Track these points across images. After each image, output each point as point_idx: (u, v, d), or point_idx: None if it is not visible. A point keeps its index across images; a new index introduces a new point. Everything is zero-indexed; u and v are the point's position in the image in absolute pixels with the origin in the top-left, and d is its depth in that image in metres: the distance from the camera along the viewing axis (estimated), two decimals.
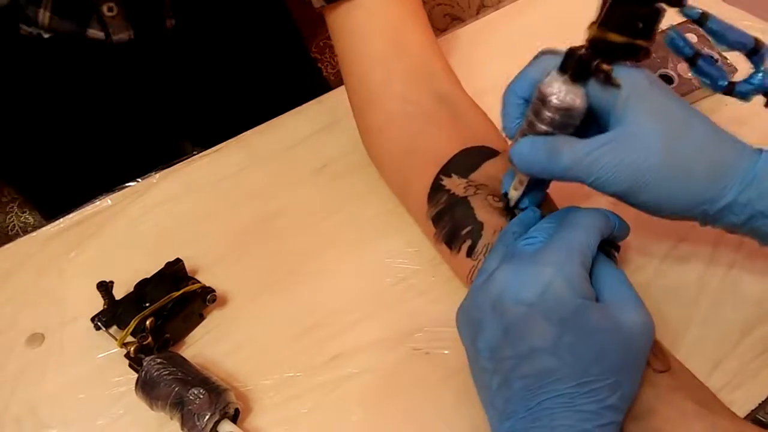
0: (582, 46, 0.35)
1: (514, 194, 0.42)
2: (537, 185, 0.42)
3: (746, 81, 0.37)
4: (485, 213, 0.44)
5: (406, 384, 0.44)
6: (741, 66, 0.37)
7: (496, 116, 0.49)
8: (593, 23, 0.34)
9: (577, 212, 0.38)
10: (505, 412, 0.34)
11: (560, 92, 0.35)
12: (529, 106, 0.38)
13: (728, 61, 0.57)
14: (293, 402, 0.44)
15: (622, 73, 0.35)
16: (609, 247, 0.40)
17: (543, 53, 0.39)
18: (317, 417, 0.43)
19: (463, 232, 0.44)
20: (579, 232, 0.36)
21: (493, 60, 0.64)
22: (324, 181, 0.57)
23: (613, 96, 0.35)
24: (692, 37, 0.56)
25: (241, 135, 0.61)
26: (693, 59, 0.38)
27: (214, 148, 0.61)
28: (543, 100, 0.36)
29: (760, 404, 0.41)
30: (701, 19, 0.36)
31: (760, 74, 0.37)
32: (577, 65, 0.35)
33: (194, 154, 0.60)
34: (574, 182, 0.37)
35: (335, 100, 0.55)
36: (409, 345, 0.46)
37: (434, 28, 0.54)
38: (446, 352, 0.45)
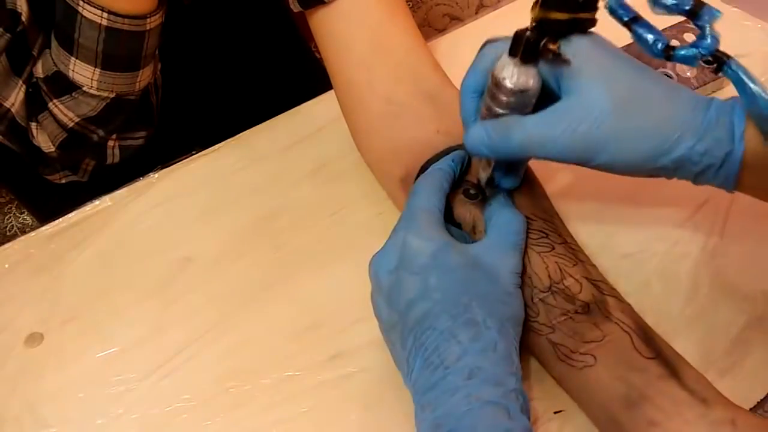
0: (527, 28, 0.35)
1: (483, 175, 0.42)
2: (513, 166, 0.42)
3: (692, 45, 0.35)
4: (464, 210, 0.44)
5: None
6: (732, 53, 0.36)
7: None
8: (535, 3, 0.34)
9: (417, 181, 0.43)
10: (408, 371, 0.37)
11: (513, 75, 0.35)
12: (483, 95, 0.38)
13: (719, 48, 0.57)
14: (292, 401, 0.44)
15: (568, 43, 0.35)
16: (502, 187, 0.43)
17: (487, 42, 0.40)
18: (316, 416, 0.43)
19: None
20: (419, 195, 0.41)
21: None
22: (322, 181, 0.57)
23: (562, 69, 0.36)
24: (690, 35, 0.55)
25: (239, 135, 0.61)
26: (628, 24, 0.37)
27: (212, 148, 0.61)
28: (497, 85, 0.36)
29: (758, 403, 0.41)
30: None
31: (708, 38, 0.34)
32: (525, 48, 0.35)
33: (193, 154, 0.60)
34: (534, 158, 0.38)
35: (333, 100, 0.55)
36: None
37: (433, 28, 0.54)
38: None
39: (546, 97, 0.37)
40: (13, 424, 0.44)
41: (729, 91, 0.40)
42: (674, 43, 0.36)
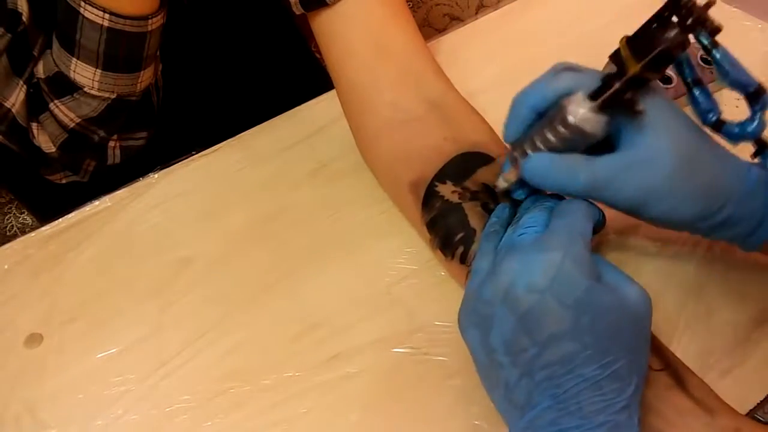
0: (615, 76, 0.35)
1: (502, 184, 0.42)
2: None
3: (739, 125, 0.37)
4: (478, 220, 0.44)
5: (405, 384, 0.44)
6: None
7: (490, 116, 0.49)
8: (630, 57, 0.34)
9: (568, 201, 0.39)
10: (528, 405, 0.34)
11: (585, 117, 0.35)
12: (542, 119, 0.38)
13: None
14: (292, 402, 0.44)
15: (642, 97, 0.36)
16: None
17: (563, 69, 0.39)
18: (316, 417, 0.43)
19: (456, 238, 0.44)
20: (576, 218, 0.36)
21: (491, 60, 0.64)
22: (322, 182, 0.57)
23: (633, 120, 0.36)
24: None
25: (239, 135, 0.61)
26: (689, 84, 0.38)
27: (212, 148, 0.61)
28: (564, 120, 0.36)
29: (758, 404, 0.41)
30: (709, 47, 0.36)
31: (756, 122, 0.36)
32: (610, 97, 0.35)
33: (193, 154, 0.60)
34: (590, 199, 0.37)
35: (333, 100, 0.55)
36: (408, 345, 0.45)
37: (433, 28, 0.54)
38: (445, 351, 0.45)
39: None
40: (13, 424, 0.44)
41: (726, 93, 0.41)
42: (724, 117, 0.39)
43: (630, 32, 0.36)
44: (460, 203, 0.45)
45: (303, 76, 0.83)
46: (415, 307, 0.47)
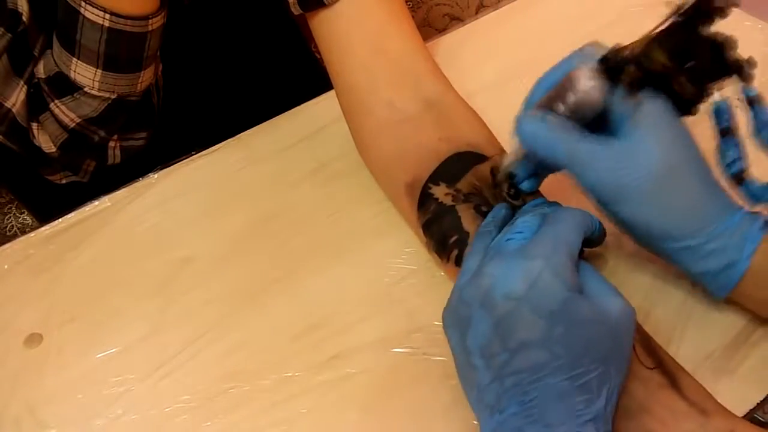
0: (631, 49, 0.35)
1: (506, 162, 0.42)
2: (543, 170, 0.43)
3: (762, 187, 0.37)
4: (472, 222, 0.44)
5: (405, 384, 0.44)
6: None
7: (489, 116, 0.49)
8: (647, 35, 0.34)
9: (561, 209, 0.39)
10: (497, 409, 0.34)
11: (586, 80, 0.36)
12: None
13: None
14: (292, 402, 0.44)
15: (650, 95, 0.36)
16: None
17: (589, 46, 0.39)
18: (316, 417, 0.43)
19: (451, 241, 0.44)
20: (565, 227, 0.36)
21: (491, 60, 0.64)
22: (322, 181, 0.57)
23: (631, 108, 0.36)
24: None
25: (239, 135, 0.61)
26: (721, 132, 0.38)
27: (212, 148, 0.61)
28: (569, 82, 0.36)
29: (758, 404, 0.41)
30: (751, 101, 0.36)
31: None
32: (613, 63, 0.35)
33: (193, 154, 0.60)
34: (565, 174, 0.38)
35: (333, 100, 0.55)
36: (408, 345, 0.46)
37: (433, 28, 0.54)
38: (444, 351, 0.45)
39: (606, 121, 0.38)
40: (13, 424, 0.44)
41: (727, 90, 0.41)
42: (749, 174, 0.38)
43: (630, 34, 0.36)
44: (454, 206, 0.45)
45: (303, 76, 0.83)
46: (414, 307, 0.47)
